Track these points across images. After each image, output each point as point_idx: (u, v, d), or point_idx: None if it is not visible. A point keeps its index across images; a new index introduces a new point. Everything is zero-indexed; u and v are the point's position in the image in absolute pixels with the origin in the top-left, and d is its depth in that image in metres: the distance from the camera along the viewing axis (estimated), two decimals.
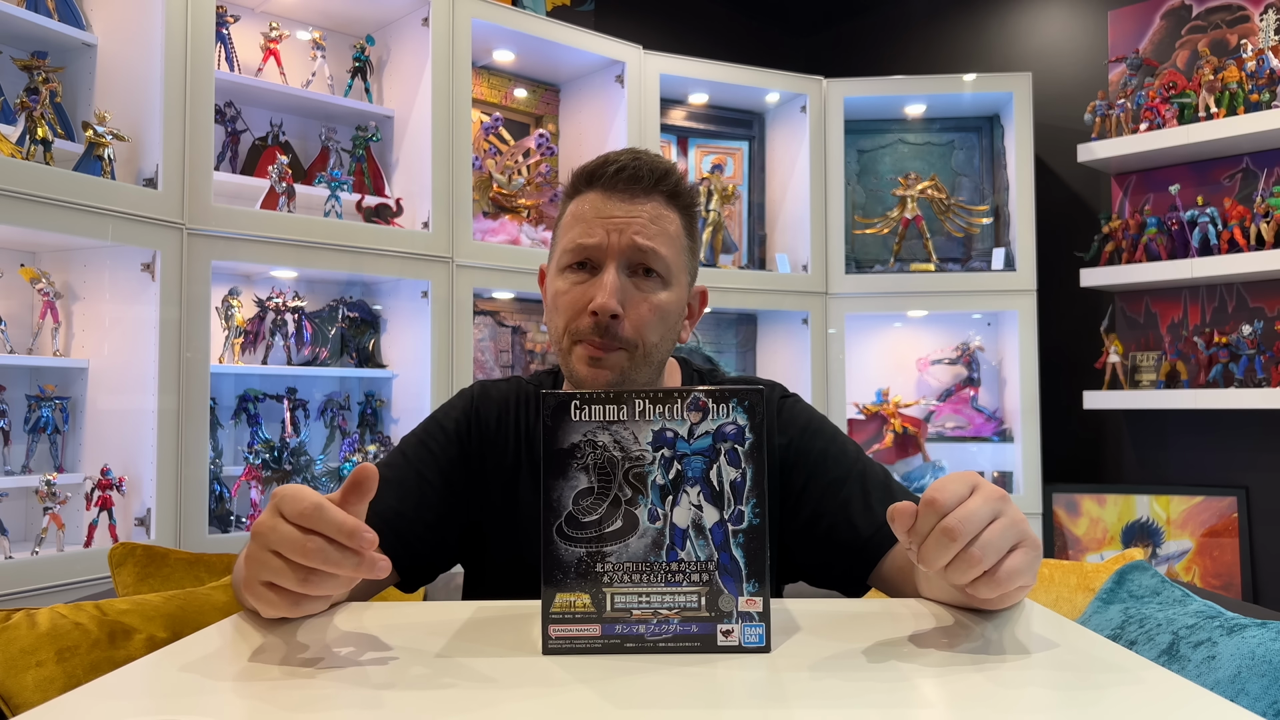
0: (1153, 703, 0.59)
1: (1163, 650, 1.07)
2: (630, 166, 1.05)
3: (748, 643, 0.71)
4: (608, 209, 1.05)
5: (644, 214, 1.05)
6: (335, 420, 2.59)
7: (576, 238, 1.05)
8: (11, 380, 2.09)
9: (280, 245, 2.26)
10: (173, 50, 2.08)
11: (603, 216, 1.05)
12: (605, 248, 1.04)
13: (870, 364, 3.45)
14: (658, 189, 1.06)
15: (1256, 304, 2.99)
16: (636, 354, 1.05)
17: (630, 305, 1.04)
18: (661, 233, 1.06)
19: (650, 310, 1.05)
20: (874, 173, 3.51)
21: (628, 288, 1.04)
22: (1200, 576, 3.02)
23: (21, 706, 1.00)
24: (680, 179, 1.09)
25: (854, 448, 1.12)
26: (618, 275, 1.03)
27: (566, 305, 1.05)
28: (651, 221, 1.05)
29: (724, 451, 0.72)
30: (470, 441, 1.14)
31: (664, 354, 1.09)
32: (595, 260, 1.05)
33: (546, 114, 3.15)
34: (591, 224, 1.05)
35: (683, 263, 1.09)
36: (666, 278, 1.06)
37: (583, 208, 1.07)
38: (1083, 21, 3.41)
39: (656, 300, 1.05)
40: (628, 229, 1.04)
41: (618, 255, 1.04)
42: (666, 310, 1.06)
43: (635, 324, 1.04)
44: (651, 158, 1.08)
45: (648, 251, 1.04)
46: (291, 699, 0.62)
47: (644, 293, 1.05)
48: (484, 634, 0.77)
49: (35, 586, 1.85)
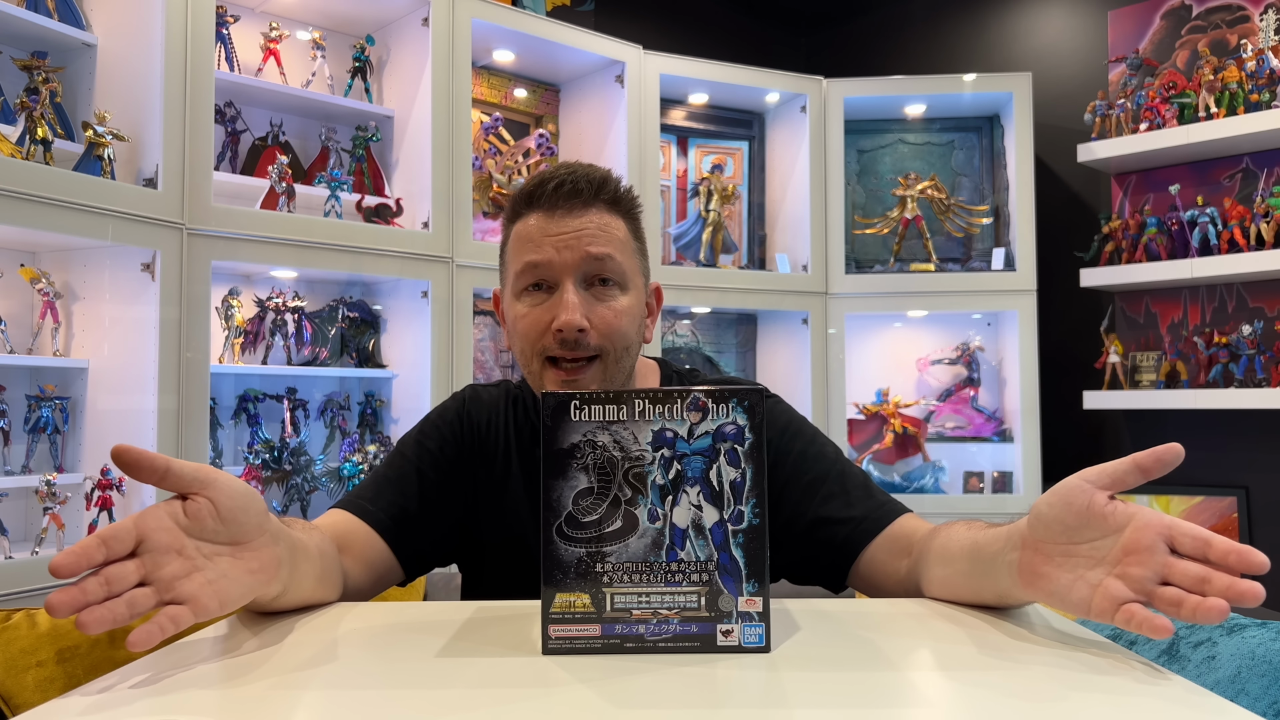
0: (1153, 703, 0.59)
1: (1163, 650, 1.07)
2: (569, 181, 1.06)
3: (748, 643, 0.71)
4: (554, 227, 1.05)
5: (591, 224, 1.06)
6: (335, 420, 2.59)
7: (527, 258, 1.06)
8: (11, 380, 2.09)
9: (280, 245, 2.26)
10: (173, 50, 2.08)
11: (550, 235, 1.05)
12: (558, 265, 1.04)
13: (870, 364, 3.45)
14: (598, 198, 1.07)
15: (1256, 304, 2.99)
16: (609, 360, 1.06)
17: (594, 316, 1.05)
18: (610, 239, 1.06)
19: (615, 316, 1.06)
20: (874, 173, 3.51)
21: (588, 300, 1.05)
22: None
23: (21, 706, 1.00)
24: (618, 185, 1.10)
25: (833, 449, 1.13)
26: (576, 290, 1.04)
27: (528, 327, 1.06)
28: (600, 230, 1.06)
29: (724, 451, 0.72)
30: (463, 442, 1.16)
31: (634, 356, 1.11)
32: (550, 279, 1.05)
33: (546, 114, 3.15)
34: (540, 243, 1.05)
35: (635, 265, 1.10)
36: (623, 283, 1.08)
37: (527, 228, 1.07)
38: (1083, 21, 3.41)
39: (618, 306, 1.06)
40: (578, 243, 1.04)
41: (572, 270, 1.04)
42: (630, 313, 1.08)
43: (602, 332, 1.05)
44: (587, 168, 1.09)
45: (602, 259, 1.05)
46: (291, 699, 0.62)
47: (604, 301, 1.06)
48: (484, 634, 0.77)
49: (35, 586, 1.85)
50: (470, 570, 1.21)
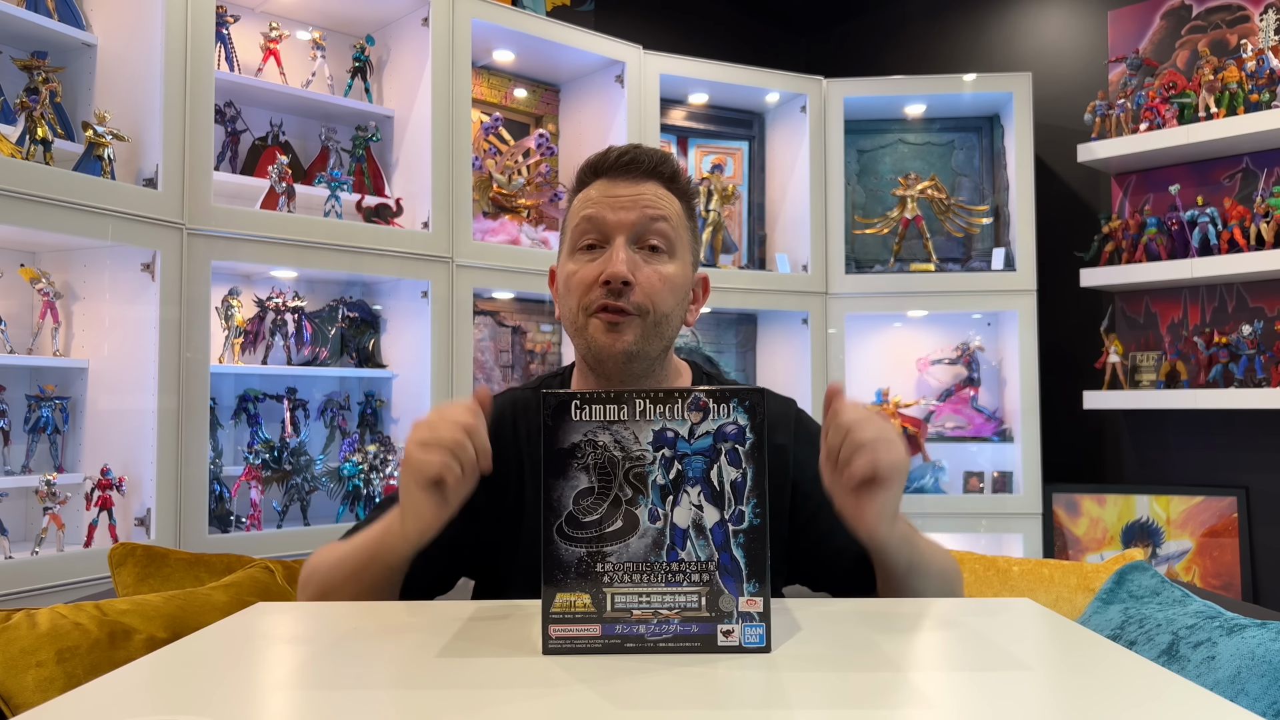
0: (1153, 703, 0.59)
1: (1162, 650, 1.07)
2: (630, 152, 1.13)
3: (748, 643, 0.71)
4: (612, 190, 1.11)
5: (647, 192, 1.11)
6: (335, 420, 2.59)
7: (584, 213, 1.12)
8: (11, 380, 2.09)
9: (280, 245, 2.26)
10: (173, 50, 2.08)
11: (608, 196, 1.11)
12: (612, 222, 1.10)
13: (870, 364, 3.45)
14: (656, 173, 1.13)
15: (1256, 304, 2.99)
16: (648, 321, 1.09)
17: (640, 274, 1.09)
18: (666, 207, 1.12)
19: (660, 280, 1.10)
20: (874, 173, 3.51)
21: (636, 260, 1.09)
22: (1200, 577, 3.02)
23: (21, 706, 1.00)
24: (676, 166, 1.16)
25: None
26: (626, 247, 1.09)
27: (578, 283, 1.10)
28: (655, 197, 1.12)
29: (725, 451, 0.72)
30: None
31: (674, 329, 1.14)
32: (603, 238, 1.11)
33: (546, 114, 3.15)
34: (598, 204, 1.11)
35: (686, 241, 1.15)
36: (672, 252, 1.12)
37: (589, 194, 1.13)
38: (1083, 21, 3.41)
39: (665, 271, 1.11)
40: (634, 205, 1.10)
41: (626, 229, 1.09)
42: (675, 282, 1.12)
43: (646, 291, 1.09)
44: (649, 148, 1.15)
45: (656, 220, 1.10)
46: (291, 699, 0.62)
47: (652, 264, 1.10)
48: (484, 634, 0.77)
49: (35, 586, 1.85)
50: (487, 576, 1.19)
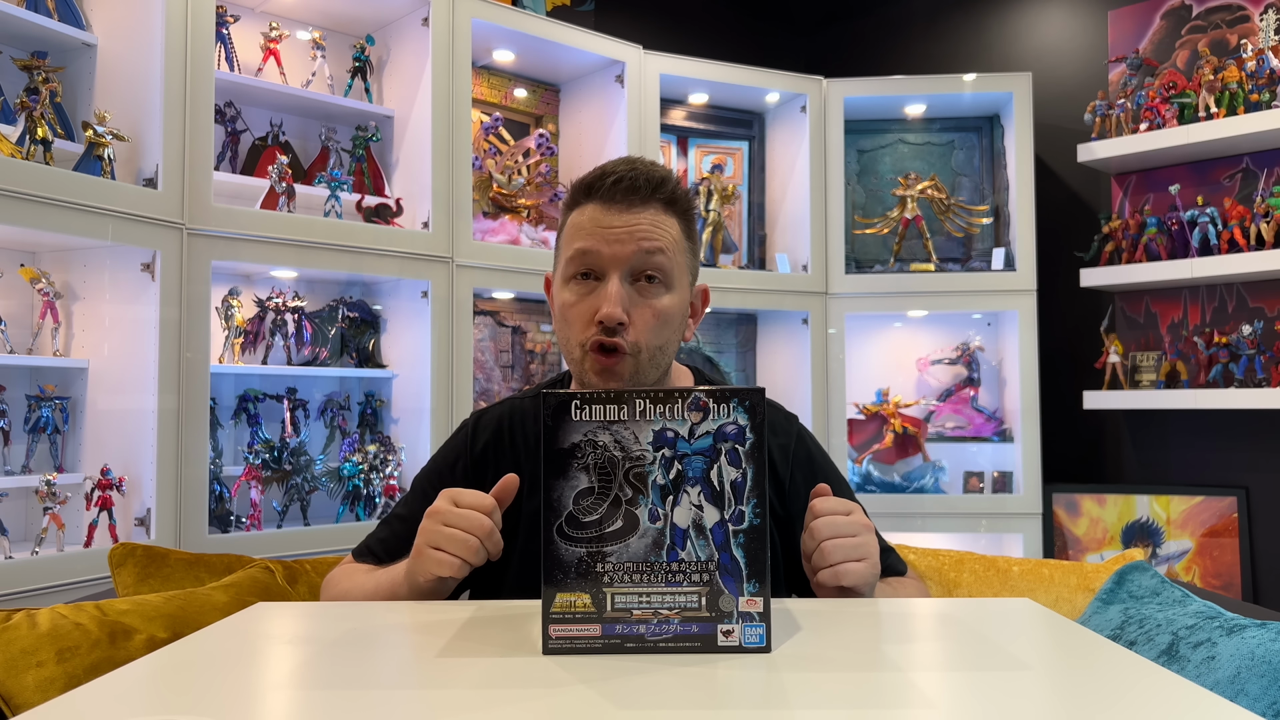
0: (1152, 703, 0.59)
1: (1162, 650, 1.07)
2: (627, 177, 1.09)
3: (748, 643, 0.71)
4: (607, 219, 1.09)
5: (644, 221, 1.09)
6: (335, 420, 2.59)
7: (578, 245, 1.09)
8: (11, 380, 2.09)
9: (280, 245, 2.26)
10: (173, 50, 2.08)
11: (603, 227, 1.08)
12: (607, 257, 1.08)
13: (870, 364, 3.45)
14: (655, 197, 1.10)
15: (1256, 304, 2.99)
16: (641, 359, 1.09)
17: (635, 312, 1.08)
18: (662, 238, 1.09)
19: (654, 316, 1.09)
20: (874, 173, 3.51)
21: (631, 296, 1.08)
22: (1200, 577, 3.02)
23: (21, 706, 1.00)
24: (676, 185, 1.13)
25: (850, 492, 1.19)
26: (621, 284, 1.07)
27: (575, 318, 1.10)
28: (653, 227, 1.09)
29: (725, 451, 0.72)
30: (472, 471, 1.18)
31: (669, 355, 1.13)
32: (598, 270, 1.09)
33: (546, 114, 3.15)
34: (593, 234, 1.09)
35: (684, 265, 1.13)
36: (668, 283, 1.10)
37: (582, 219, 1.11)
38: (1083, 21, 3.41)
39: (660, 306, 1.09)
40: (629, 238, 1.07)
41: (621, 265, 1.08)
42: (670, 315, 1.10)
43: (640, 330, 1.08)
44: (648, 166, 1.11)
45: (652, 253, 1.08)
46: (291, 698, 0.62)
47: (647, 299, 1.09)
48: (484, 634, 0.77)
49: (35, 586, 1.85)
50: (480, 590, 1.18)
